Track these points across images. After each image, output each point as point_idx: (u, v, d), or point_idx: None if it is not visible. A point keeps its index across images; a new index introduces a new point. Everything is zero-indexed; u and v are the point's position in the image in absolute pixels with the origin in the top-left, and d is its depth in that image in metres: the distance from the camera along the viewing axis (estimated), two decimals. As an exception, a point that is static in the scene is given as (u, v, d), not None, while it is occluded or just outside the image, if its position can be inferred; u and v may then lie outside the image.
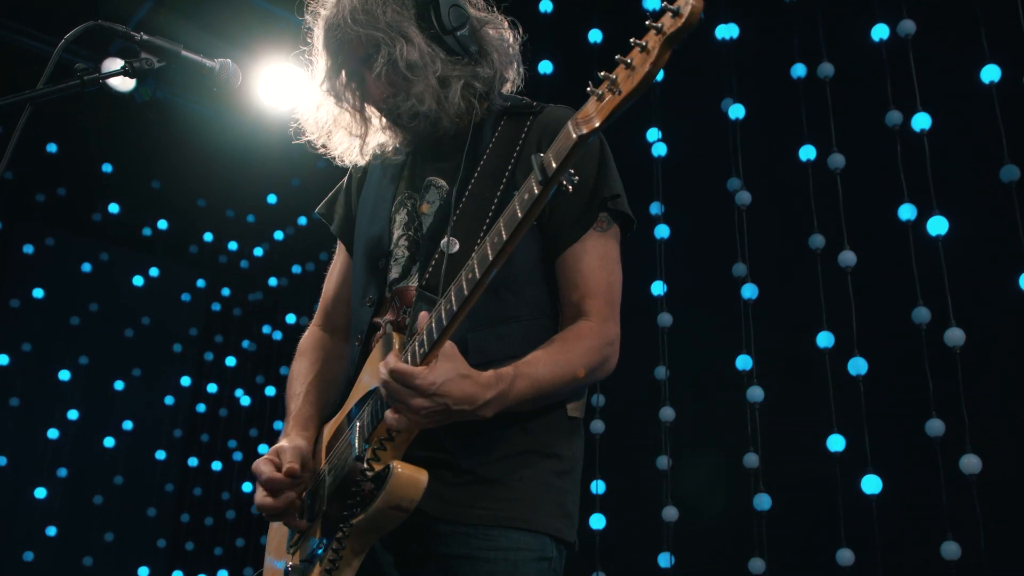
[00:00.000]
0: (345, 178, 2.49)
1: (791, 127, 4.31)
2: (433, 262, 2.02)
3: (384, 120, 2.23)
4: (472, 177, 2.08)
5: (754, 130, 4.49)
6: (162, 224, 7.18)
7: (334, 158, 2.31)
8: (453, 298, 1.76)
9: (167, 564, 7.03)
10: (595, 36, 5.07)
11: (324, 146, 2.31)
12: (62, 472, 6.63)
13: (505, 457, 1.97)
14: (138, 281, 7.17)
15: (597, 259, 2.08)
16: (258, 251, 7.27)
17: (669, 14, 1.48)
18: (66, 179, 6.86)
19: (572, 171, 1.62)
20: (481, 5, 2.22)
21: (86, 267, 7.04)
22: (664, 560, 4.21)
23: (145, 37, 2.26)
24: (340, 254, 2.50)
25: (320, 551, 1.92)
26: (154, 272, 7.23)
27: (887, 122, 4.00)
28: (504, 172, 2.08)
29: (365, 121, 2.25)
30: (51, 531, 6.56)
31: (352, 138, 2.27)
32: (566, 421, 2.09)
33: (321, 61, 2.21)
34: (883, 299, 3.97)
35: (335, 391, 2.32)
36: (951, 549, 3.43)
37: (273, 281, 7.11)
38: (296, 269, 6.94)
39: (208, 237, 7.32)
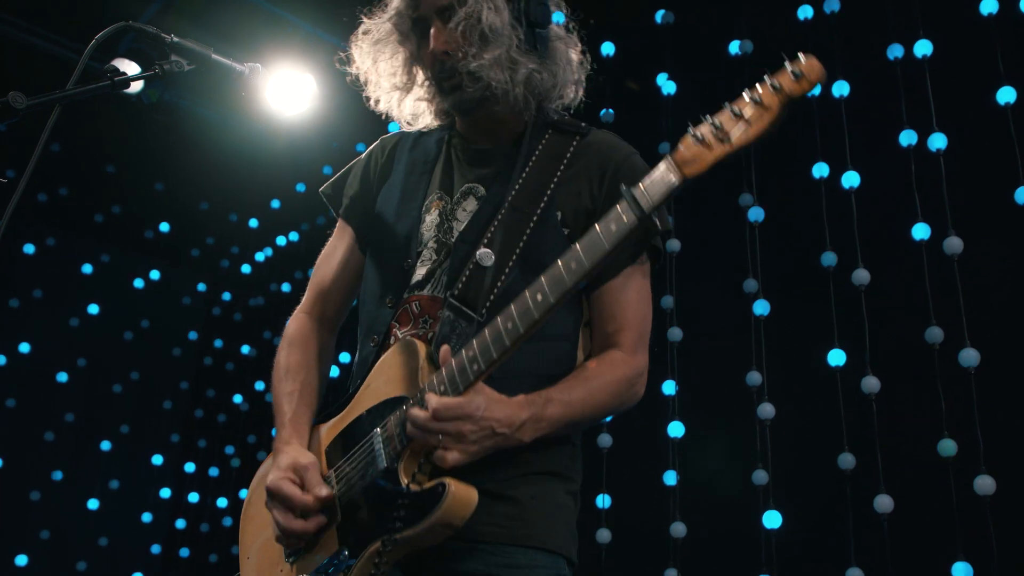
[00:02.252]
0: (362, 160, 2.39)
1: (805, 144, 4.31)
2: (467, 273, 1.99)
3: (427, 85, 2.20)
4: (513, 189, 2.06)
5: (767, 146, 4.48)
6: (164, 227, 7.15)
7: (368, 98, 2.28)
8: (517, 319, 1.76)
9: (162, 570, 6.97)
10: (608, 49, 5.07)
11: (368, 85, 2.27)
12: (57, 475, 6.57)
13: (519, 476, 1.96)
14: (139, 283, 7.12)
15: (635, 292, 2.10)
16: (260, 256, 7.23)
17: (791, 75, 1.53)
18: (68, 179, 6.82)
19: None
20: (564, 24, 2.23)
21: (87, 268, 6.99)
22: (671, 576, 4.19)
23: (176, 40, 2.24)
24: (343, 238, 2.37)
25: (344, 562, 1.88)
26: (155, 275, 7.19)
27: (902, 141, 4.01)
28: (546, 189, 2.06)
29: (411, 76, 2.22)
30: (45, 534, 6.50)
31: (392, 89, 2.24)
32: (570, 449, 2.10)
33: (396, 1, 2.18)
34: (896, 318, 3.97)
35: (323, 388, 2.28)
36: (963, 570, 3.42)
37: (274, 287, 7.07)
38: (299, 275, 6.89)
39: (210, 241, 7.29)
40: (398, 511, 1.79)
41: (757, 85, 1.56)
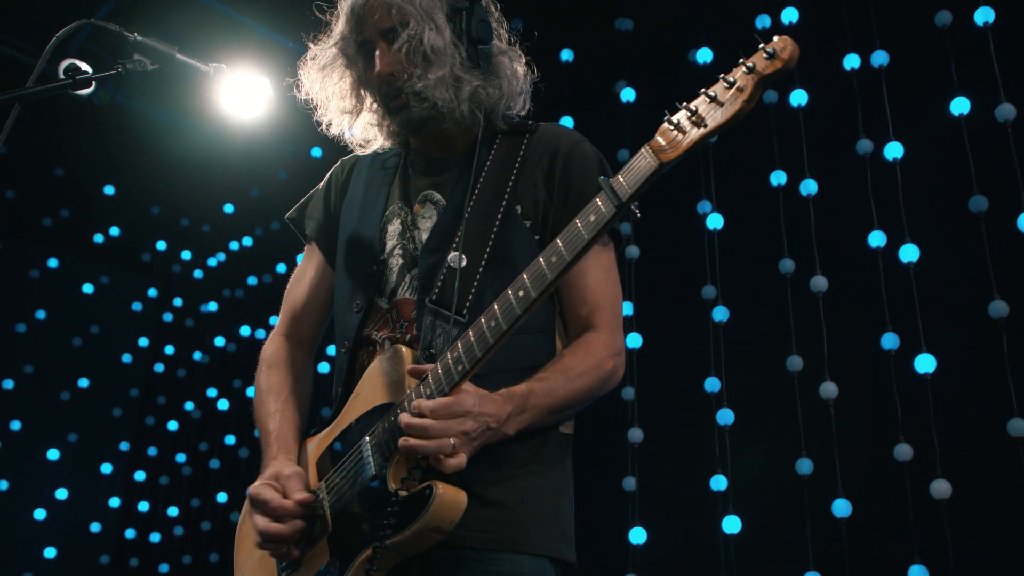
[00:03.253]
0: (323, 184, 2.43)
1: (763, 152, 4.35)
2: (442, 278, 2.00)
3: (375, 108, 2.24)
4: (472, 194, 2.09)
5: (726, 153, 4.52)
6: (114, 231, 7.02)
7: (320, 123, 2.31)
8: (500, 316, 1.76)
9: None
10: (567, 55, 5.08)
11: (318, 110, 2.30)
12: (2, 485, 6.41)
13: (506, 479, 1.95)
14: (88, 289, 6.97)
15: (603, 272, 2.12)
16: (212, 261, 7.13)
17: (763, 54, 1.53)
18: (15, 182, 6.65)
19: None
20: (506, 39, 2.27)
21: (34, 273, 6.83)
22: (630, 582, 4.20)
23: (139, 38, 2.21)
24: (312, 260, 2.41)
25: (334, 573, 1.86)
26: (105, 280, 7.06)
27: (858, 150, 4.06)
28: (505, 189, 2.09)
29: (359, 99, 2.26)
30: (-11, 545, 6.35)
31: (341, 113, 2.28)
32: (561, 439, 2.09)
33: (340, 24, 2.20)
34: (853, 324, 4.01)
35: (306, 407, 2.28)
36: (920, 573, 3.46)
37: (227, 292, 6.97)
38: (252, 281, 6.81)
39: (161, 246, 7.16)
40: (387, 517, 1.77)
41: (734, 68, 1.57)
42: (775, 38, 1.55)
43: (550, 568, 1.97)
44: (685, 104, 1.60)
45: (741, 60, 1.55)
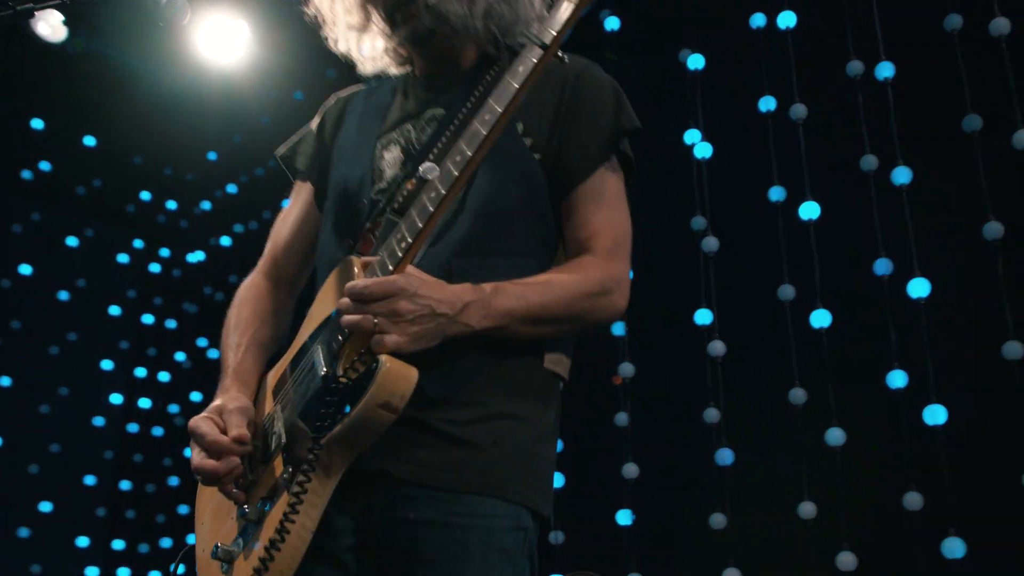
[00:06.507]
0: (316, 119, 2.30)
1: (752, 80, 4.26)
2: (409, 188, 1.85)
3: (382, 23, 2.08)
4: (464, 106, 1.92)
5: (715, 82, 4.43)
6: (97, 182, 6.91)
7: (326, 38, 2.20)
8: (440, 184, 1.68)
9: (108, 533, 6.84)
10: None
11: (331, 32, 2.19)
12: (-1, 442, 6.40)
13: (479, 420, 1.80)
14: (72, 242, 6.90)
15: (610, 198, 1.96)
16: (198, 210, 7.04)
17: None
18: (-8, 137, 6.55)
19: (561, 53, 1.69)
20: None
21: (16, 228, 6.75)
22: (624, 517, 4.18)
23: (80, -34, 2.08)
24: (300, 197, 2.27)
25: (288, 480, 1.73)
26: (89, 232, 6.97)
27: (848, 72, 3.97)
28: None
29: (366, 15, 2.11)
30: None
31: (348, 29, 2.14)
32: (547, 379, 1.94)
33: None
34: (845, 251, 3.95)
35: (274, 345, 2.15)
36: (914, 499, 3.44)
37: (214, 241, 6.89)
38: (239, 228, 6.73)
39: (145, 196, 7.04)
40: (326, 408, 1.65)
41: None
42: None
43: (527, 516, 1.83)
44: None
45: None
